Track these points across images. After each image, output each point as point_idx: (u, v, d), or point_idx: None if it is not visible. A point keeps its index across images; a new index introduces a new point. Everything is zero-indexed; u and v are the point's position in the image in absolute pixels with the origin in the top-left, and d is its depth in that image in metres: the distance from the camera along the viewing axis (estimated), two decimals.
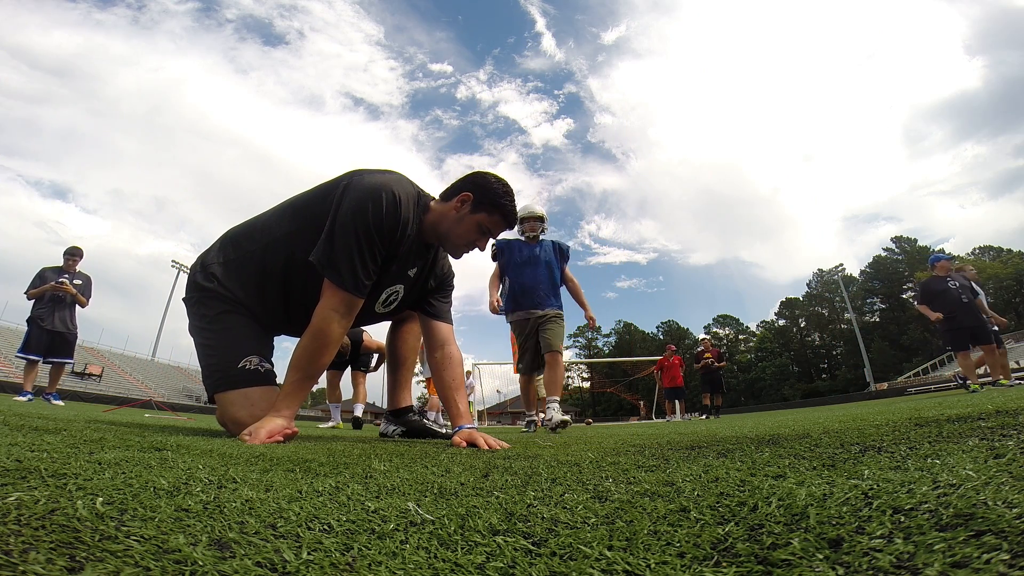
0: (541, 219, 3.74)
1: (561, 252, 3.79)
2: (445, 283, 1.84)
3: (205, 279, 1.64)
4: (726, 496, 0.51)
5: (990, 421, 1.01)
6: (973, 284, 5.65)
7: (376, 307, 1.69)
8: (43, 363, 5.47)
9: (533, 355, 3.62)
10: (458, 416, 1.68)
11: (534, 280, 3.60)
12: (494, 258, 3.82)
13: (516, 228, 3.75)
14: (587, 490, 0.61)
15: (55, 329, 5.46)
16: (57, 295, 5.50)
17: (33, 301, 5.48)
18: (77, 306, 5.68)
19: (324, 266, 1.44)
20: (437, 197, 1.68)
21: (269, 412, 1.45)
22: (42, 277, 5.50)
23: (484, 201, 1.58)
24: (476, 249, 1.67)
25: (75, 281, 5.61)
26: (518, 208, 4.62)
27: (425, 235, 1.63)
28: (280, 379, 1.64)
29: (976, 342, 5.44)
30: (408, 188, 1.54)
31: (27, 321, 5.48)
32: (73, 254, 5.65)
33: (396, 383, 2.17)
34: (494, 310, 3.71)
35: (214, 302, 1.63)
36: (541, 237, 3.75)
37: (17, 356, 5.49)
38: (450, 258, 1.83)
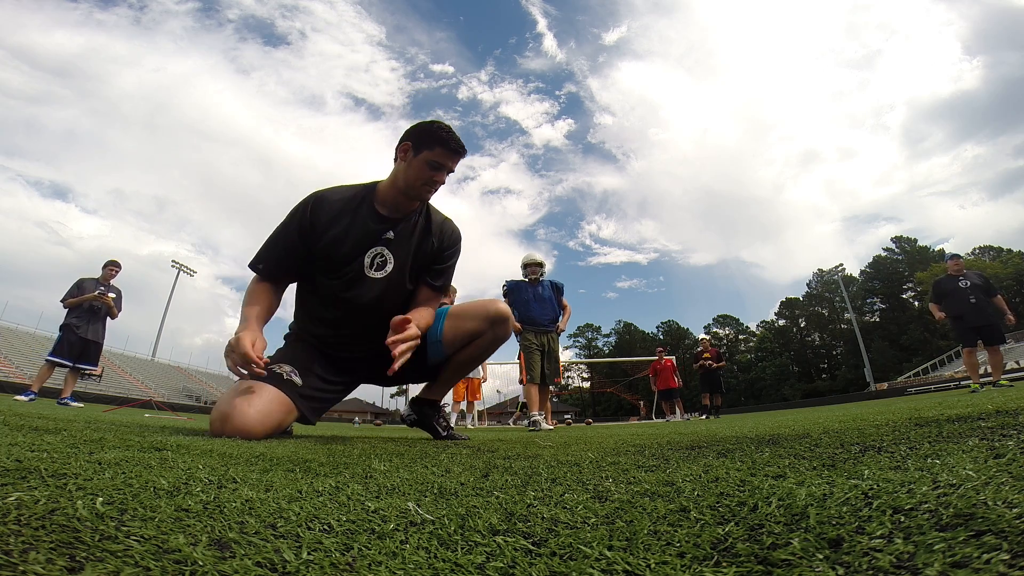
0: (541, 264, 4.81)
1: (556, 288, 4.87)
2: (443, 247, 1.89)
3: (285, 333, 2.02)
4: (726, 496, 0.51)
5: (990, 421, 1.01)
6: (989, 282, 5.67)
7: (368, 272, 1.77)
8: (71, 368, 5.64)
9: (541, 371, 4.59)
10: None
11: (540, 314, 4.69)
12: (505, 295, 4.83)
13: (520, 266, 4.89)
14: (587, 490, 0.61)
15: (89, 338, 5.67)
16: (95, 305, 5.69)
17: (68, 309, 5.65)
18: (108, 317, 5.91)
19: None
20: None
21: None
22: (80, 287, 5.70)
23: (422, 141, 1.68)
24: (438, 184, 1.74)
25: (109, 293, 5.83)
26: (524, 256, 5.02)
27: (392, 201, 1.76)
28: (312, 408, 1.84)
29: (986, 342, 5.47)
30: (333, 188, 1.81)
31: (60, 328, 5.68)
32: (113, 266, 5.89)
33: (440, 379, 2.22)
34: (518, 331, 4.63)
35: (290, 338, 1.98)
36: (541, 278, 4.78)
37: (47, 359, 5.57)
38: (451, 230, 1.91)
